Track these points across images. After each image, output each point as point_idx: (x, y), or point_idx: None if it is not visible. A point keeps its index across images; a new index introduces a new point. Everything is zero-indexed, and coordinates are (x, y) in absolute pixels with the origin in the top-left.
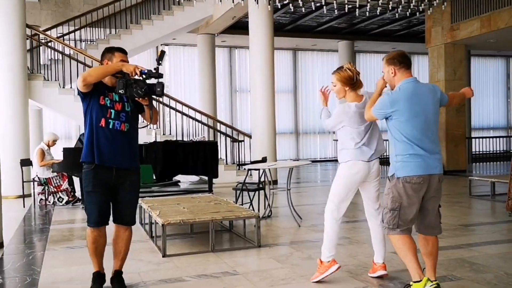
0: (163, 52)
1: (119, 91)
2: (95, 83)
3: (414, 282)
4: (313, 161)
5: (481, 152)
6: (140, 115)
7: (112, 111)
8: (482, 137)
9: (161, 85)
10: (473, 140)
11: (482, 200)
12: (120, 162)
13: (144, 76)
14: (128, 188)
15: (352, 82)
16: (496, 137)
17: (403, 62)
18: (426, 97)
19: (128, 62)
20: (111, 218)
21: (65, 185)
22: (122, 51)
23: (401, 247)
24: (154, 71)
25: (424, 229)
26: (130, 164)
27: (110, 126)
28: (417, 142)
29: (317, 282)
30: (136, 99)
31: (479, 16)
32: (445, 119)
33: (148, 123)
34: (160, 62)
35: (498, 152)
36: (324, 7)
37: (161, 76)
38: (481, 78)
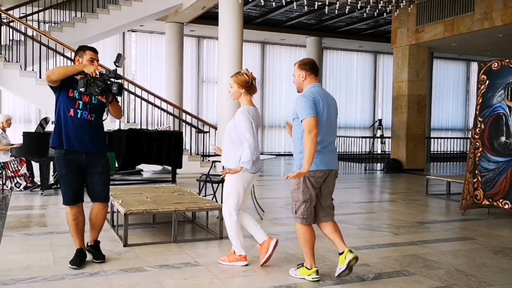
0: (119, 55)
1: (80, 89)
2: (66, 78)
3: (306, 267)
4: (277, 155)
5: (439, 152)
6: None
7: (80, 102)
8: (441, 138)
9: (117, 84)
10: (432, 140)
11: (438, 198)
12: (87, 148)
13: (103, 77)
14: (100, 170)
15: (248, 85)
16: (454, 138)
17: (313, 69)
18: (331, 101)
19: (98, 60)
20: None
21: (23, 170)
22: (93, 50)
23: (307, 238)
24: (112, 72)
25: (324, 217)
26: (98, 149)
27: (78, 116)
28: (321, 140)
29: (264, 267)
30: (96, 96)
31: (443, 20)
32: (406, 119)
33: (106, 117)
34: (117, 64)
35: (455, 152)
36: (294, 2)
37: (119, 77)
38: (442, 80)
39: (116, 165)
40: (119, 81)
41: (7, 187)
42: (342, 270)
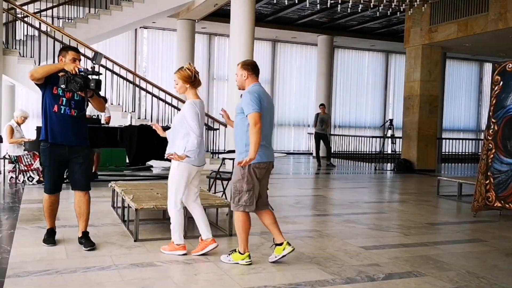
0: (96, 53)
1: (61, 86)
2: (51, 76)
3: (239, 252)
4: (287, 153)
5: (450, 153)
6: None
7: (64, 99)
8: (452, 139)
9: (95, 81)
10: (444, 141)
11: (449, 200)
12: (70, 141)
13: (82, 74)
14: (81, 160)
15: (191, 80)
16: (465, 139)
17: (254, 69)
18: (270, 100)
19: (80, 59)
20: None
21: (36, 164)
22: (75, 50)
23: (245, 225)
24: (90, 69)
25: (262, 206)
26: (80, 142)
27: (62, 112)
28: (265, 134)
29: (263, 270)
30: (76, 92)
31: (456, 20)
32: (418, 119)
33: (85, 111)
34: (94, 61)
35: (466, 154)
36: (307, 0)
37: (96, 73)
38: (455, 81)
39: (127, 161)
40: (97, 77)
41: (19, 180)
42: (277, 259)
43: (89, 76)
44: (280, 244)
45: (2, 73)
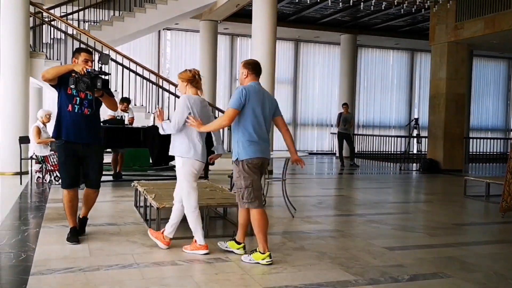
0: (102, 54)
1: (71, 86)
2: (64, 76)
3: (260, 252)
4: (309, 153)
5: (478, 153)
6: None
7: (78, 98)
8: (480, 138)
9: (101, 80)
10: (471, 140)
11: (476, 200)
12: (84, 138)
13: (91, 74)
14: (94, 159)
15: (190, 78)
16: (493, 138)
17: (254, 69)
18: (265, 98)
19: (92, 60)
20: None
21: None
22: (87, 51)
23: (260, 220)
24: (97, 70)
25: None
26: (93, 140)
27: (76, 110)
28: (256, 131)
29: (284, 269)
30: (84, 91)
31: (483, 17)
32: (444, 118)
33: (94, 109)
34: (100, 62)
35: (494, 153)
36: None
37: (103, 73)
38: (482, 79)
39: (150, 161)
40: (105, 77)
41: (46, 180)
42: (226, 248)
43: (99, 76)
44: (238, 243)
45: (29, 76)
